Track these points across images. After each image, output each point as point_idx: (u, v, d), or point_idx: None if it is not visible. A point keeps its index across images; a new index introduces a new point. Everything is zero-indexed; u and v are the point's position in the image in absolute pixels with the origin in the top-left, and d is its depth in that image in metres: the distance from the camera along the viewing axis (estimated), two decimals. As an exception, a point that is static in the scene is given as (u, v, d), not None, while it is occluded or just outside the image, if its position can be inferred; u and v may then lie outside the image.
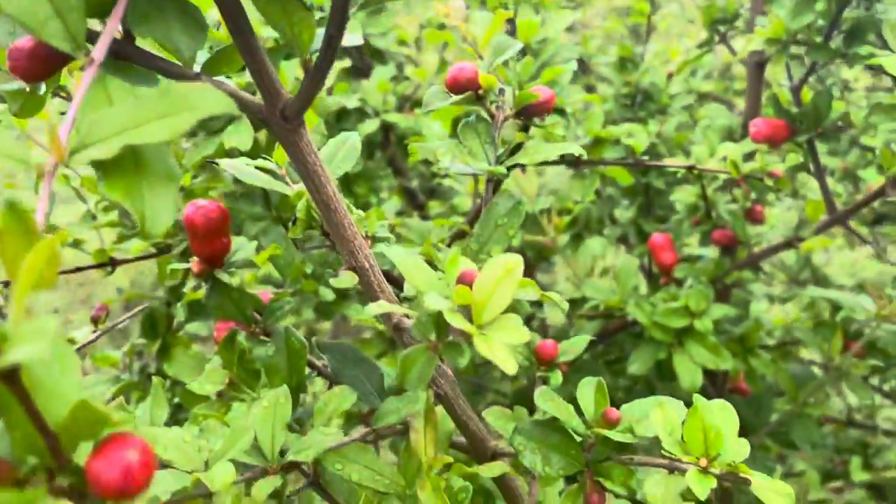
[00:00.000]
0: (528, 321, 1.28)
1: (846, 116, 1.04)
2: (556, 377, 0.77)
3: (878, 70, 1.08)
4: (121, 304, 1.59)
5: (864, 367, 1.12)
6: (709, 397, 1.38)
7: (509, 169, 0.80)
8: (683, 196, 1.29)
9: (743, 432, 1.40)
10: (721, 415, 0.51)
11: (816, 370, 1.61)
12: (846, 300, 1.15)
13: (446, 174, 1.48)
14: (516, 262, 0.41)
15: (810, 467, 2.08)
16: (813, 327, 1.21)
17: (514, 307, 1.16)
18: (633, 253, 1.46)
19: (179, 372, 1.05)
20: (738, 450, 0.50)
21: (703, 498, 0.46)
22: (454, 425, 0.67)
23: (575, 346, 0.80)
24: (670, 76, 1.84)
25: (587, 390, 0.61)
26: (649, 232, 1.47)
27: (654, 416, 0.54)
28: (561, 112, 0.94)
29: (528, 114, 0.65)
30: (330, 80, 1.70)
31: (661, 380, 1.30)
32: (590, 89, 2.10)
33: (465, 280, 0.42)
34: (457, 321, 0.39)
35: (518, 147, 0.75)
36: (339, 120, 1.72)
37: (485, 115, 0.65)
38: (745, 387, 1.34)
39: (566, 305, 0.63)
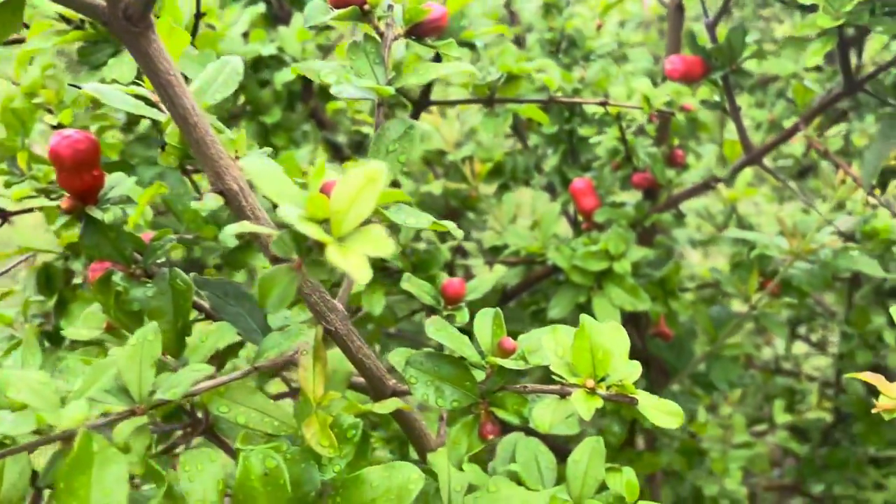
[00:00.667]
0: (450, 270, 1.25)
1: (760, 52, 1.03)
2: (463, 315, 0.75)
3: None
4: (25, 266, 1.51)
5: (778, 306, 1.13)
6: (633, 342, 1.39)
7: (415, 95, 0.76)
8: (604, 139, 1.27)
9: (665, 375, 1.41)
10: (611, 336, 0.49)
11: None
12: (761, 239, 1.16)
13: (364, 121, 1.44)
14: (378, 170, 0.38)
15: (738, 413, 2.14)
16: (731, 268, 1.22)
17: (434, 257, 1.12)
18: (558, 201, 1.45)
19: (77, 328, 0.99)
20: (627, 370, 0.48)
21: (587, 418, 0.45)
22: (353, 367, 0.64)
23: (483, 284, 0.78)
24: (599, 27, 1.82)
25: (484, 321, 0.59)
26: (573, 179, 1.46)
27: (546, 342, 0.52)
28: (471, 46, 0.91)
29: (419, 33, 0.61)
30: (244, 27, 1.62)
31: (584, 325, 1.30)
32: (518, 41, 2.07)
33: (327, 191, 0.39)
34: (309, 229, 0.35)
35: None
36: (256, 69, 1.65)
37: (373, 33, 0.61)
38: (668, 331, 1.35)
39: (460, 233, 0.60)
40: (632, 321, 1.47)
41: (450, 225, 0.60)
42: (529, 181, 1.60)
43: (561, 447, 1.75)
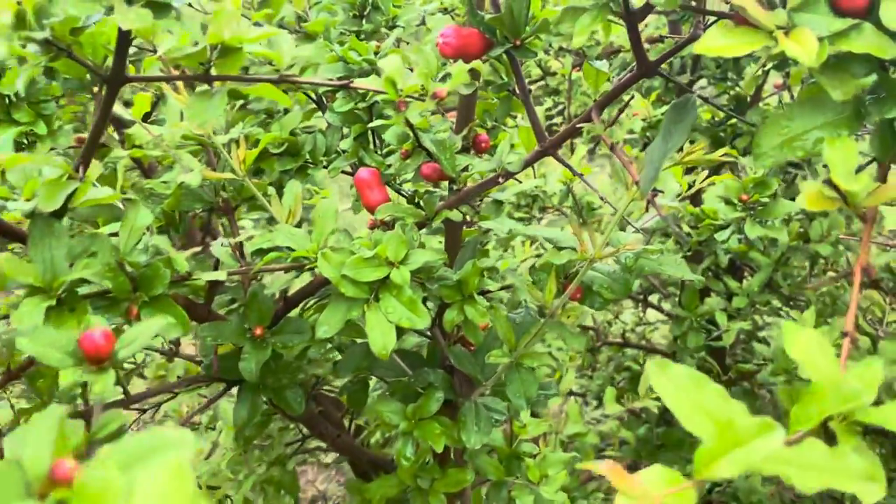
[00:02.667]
0: (210, 290, 1.03)
1: (545, 25, 0.87)
2: (106, 381, 0.55)
3: None
4: None
5: (575, 315, 1.00)
6: (439, 353, 1.22)
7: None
8: (393, 122, 1.09)
9: (470, 386, 1.26)
10: None
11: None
12: (559, 238, 1.02)
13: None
14: None
15: (574, 403, 2.06)
16: (529, 271, 1.08)
17: (158, 272, 0.90)
18: (354, 191, 1.26)
19: None
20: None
21: None
22: None
23: (144, 332, 0.58)
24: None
25: (40, 432, 0.39)
26: (374, 166, 1.28)
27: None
28: (160, 6, 0.70)
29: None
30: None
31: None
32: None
33: None
34: None
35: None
36: None
37: None
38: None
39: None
40: (439, 325, 1.32)
41: None
42: (328, 165, 1.40)
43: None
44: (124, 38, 0.72)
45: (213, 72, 0.75)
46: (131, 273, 0.86)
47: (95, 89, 0.83)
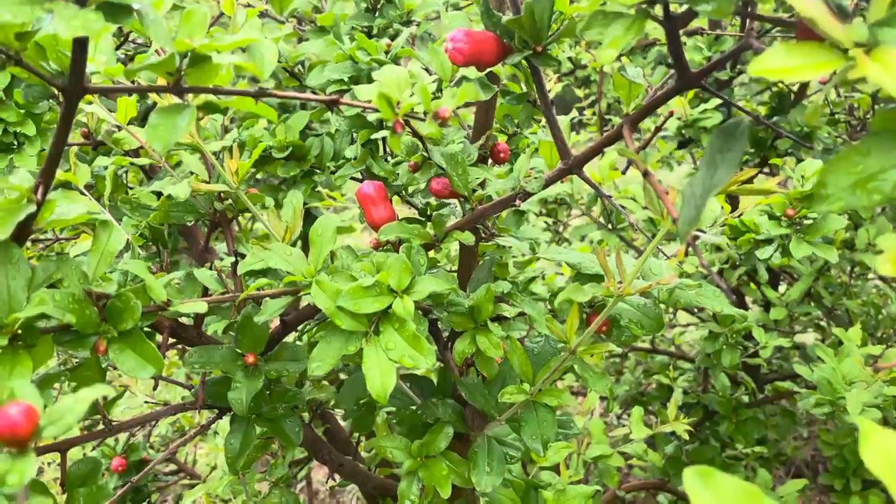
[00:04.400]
0: (198, 324, 0.94)
1: (572, 27, 0.76)
2: (24, 469, 0.45)
3: None
4: None
5: (599, 356, 0.89)
6: (448, 382, 1.12)
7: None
8: (390, 142, 0.98)
9: (483, 418, 1.16)
10: None
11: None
12: (584, 263, 0.91)
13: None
14: None
15: (598, 420, 1.95)
16: (549, 298, 0.97)
17: (129, 304, 0.81)
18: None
19: None
20: None
21: None
22: None
23: (76, 406, 0.49)
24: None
25: None
26: (383, 176, 1.18)
27: None
28: (118, 8, 0.60)
29: None
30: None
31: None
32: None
33: None
34: None
35: None
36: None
37: None
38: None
39: None
40: (451, 350, 1.22)
41: None
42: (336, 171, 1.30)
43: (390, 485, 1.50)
44: (80, 44, 0.62)
45: (185, 83, 0.65)
46: (100, 304, 0.77)
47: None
